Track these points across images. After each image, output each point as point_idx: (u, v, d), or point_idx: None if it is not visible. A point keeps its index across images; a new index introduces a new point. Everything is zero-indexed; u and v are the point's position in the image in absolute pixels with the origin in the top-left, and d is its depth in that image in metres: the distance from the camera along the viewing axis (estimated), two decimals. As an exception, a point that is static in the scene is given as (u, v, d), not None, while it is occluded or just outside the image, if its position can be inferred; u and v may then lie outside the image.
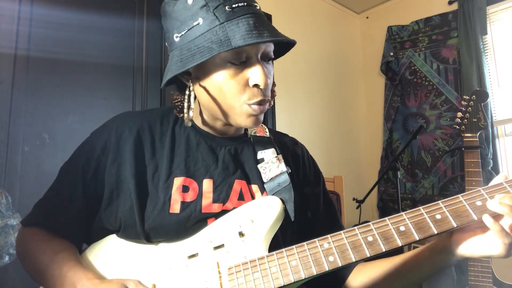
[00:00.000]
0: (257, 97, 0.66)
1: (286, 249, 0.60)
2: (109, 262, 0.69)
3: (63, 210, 0.73)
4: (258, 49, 0.65)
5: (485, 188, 0.58)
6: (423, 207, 0.58)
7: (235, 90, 0.66)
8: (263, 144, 0.80)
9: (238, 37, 0.61)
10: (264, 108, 0.69)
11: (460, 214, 0.56)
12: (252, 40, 0.60)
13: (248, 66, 0.66)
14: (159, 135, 0.75)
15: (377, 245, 0.56)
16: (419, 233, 0.56)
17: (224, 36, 0.61)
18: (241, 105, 0.67)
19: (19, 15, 1.48)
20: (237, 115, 0.68)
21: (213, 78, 0.66)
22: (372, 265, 0.74)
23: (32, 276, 0.72)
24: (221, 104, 0.68)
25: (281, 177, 0.74)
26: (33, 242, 0.73)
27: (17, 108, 1.45)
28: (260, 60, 0.66)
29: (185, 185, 0.70)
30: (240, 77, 0.66)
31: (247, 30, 0.61)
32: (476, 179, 1.54)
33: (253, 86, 0.66)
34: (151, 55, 1.88)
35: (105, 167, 0.71)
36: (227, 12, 0.63)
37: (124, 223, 0.69)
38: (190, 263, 0.65)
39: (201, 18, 0.63)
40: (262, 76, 0.64)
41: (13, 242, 1.22)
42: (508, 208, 0.53)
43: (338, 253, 0.57)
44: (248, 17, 0.63)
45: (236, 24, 0.62)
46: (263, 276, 0.58)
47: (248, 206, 0.69)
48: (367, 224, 0.59)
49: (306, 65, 2.84)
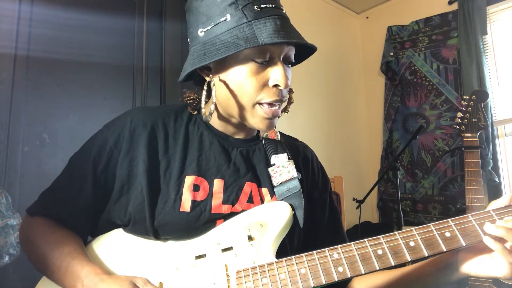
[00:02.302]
0: (273, 97, 0.67)
1: (295, 257, 0.60)
2: (116, 256, 0.69)
3: (71, 201, 0.72)
4: (281, 50, 0.67)
5: (495, 210, 0.58)
6: (432, 224, 0.59)
7: (254, 88, 0.67)
8: (275, 147, 0.80)
9: (265, 35, 0.62)
10: (276, 111, 0.69)
11: (469, 234, 0.57)
12: (279, 39, 0.62)
13: (270, 65, 0.67)
14: (172, 132, 0.75)
15: (387, 259, 0.57)
16: (428, 250, 0.56)
17: (251, 34, 0.63)
18: (254, 105, 0.68)
19: (19, 15, 1.48)
20: (251, 115, 0.69)
21: (234, 74, 0.67)
22: (375, 274, 0.74)
23: (36, 266, 0.71)
24: (238, 101, 0.69)
25: (291, 182, 0.74)
26: (38, 231, 0.72)
27: (17, 108, 1.45)
28: (282, 62, 0.67)
29: (196, 184, 0.70)
30: (261, 76, 0.67)
31: (274, 30, 0.63)
32: (476, 179, 1.54)
33: (272, 86, 0.67)
34: (151, 55, 1.88)
35: (117, 160, 0.71)
36: (255, 11, 0.64)
37: (134, 218, 0.68)
38: (198, 264, 0.65)
39: (229, 14, 0.65)
40: (283, 77, 0.66)
41: (13, 242, 1.22)
42: (505, 230, 0.54)
43: (347, 264, 0.58)
44: (275, 18, 0.65)
45: (263, 23, 0.64)
46: (272, 282, 0.58)
47: (258, 210, 0.69)
48: (377, 237, 0.59)
49: (306, 65, 2.83)
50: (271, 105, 0.68)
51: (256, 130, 0.82)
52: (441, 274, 0.63)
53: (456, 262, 0.61)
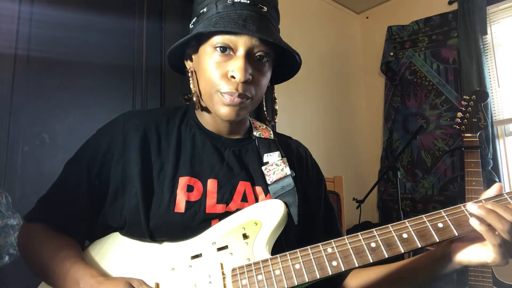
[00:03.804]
0: (231, 89, 0.68)
1: (289, 253, 0.60)
2: (112, 259, 0.70)
3: (67, 206, 0.73)
4: (244, 42, 0.67)
5: (486, 199, 0.59)
6: (425, 216, 0.59)
7: (215, 77, 0.68)
8: (268, 146, 0.80)
9: (221, 24, 0.64)
10: (238, 100, 0.68)
11: (461, 224, 0.57)
12: (230, 27, 0.64)
13: (232, 58, 0.68)
14: (165, 134, 0.75)
15: (380, 252, 0.57)
16: (421, 241, 0.57)
17: (213, 22, 0.66)
18: (215, 92, 0.69)
19: (19, 15, 1.48)
20: (215, 103, 0.70)
21: (203, 64, 0.70)
22: (371, 268, 0.74)
23: (35, 272, 0.71)
24: (205, 89, 0.71)
25: (285, 180, 0.75)
26: (35, 238, 0.73)
27: (17, 108, 1.45)
28: (245, 56, 0.67)
29: (189, 185, 0.70)
30: (223, 67, 0.68)
31: (234, 20, 0.64)
32: (476, 179, 1.54)
33: (230, 77, 0.68)
34: (151, 55, 1.88)
35: (110, 164, 0.71)
36: (227, 5, 0.67)
37: (129, 221, 0.69)
38: (194, 264, 0.65)
39: (206, 7, 0.69)
40: (240, 69, 0.66)
41: (13, 242, 1.22)
42: (484, 211, 0.55)
43: (341, 258, 0.58)
44: (244, 12, 0.66)
45: (228, 15, 0.66)
46: (267, 278, 0.59)
47: (252, 208, 0.70)
48: (370, 230, 0.59)
49: (306, 65, 2.83)
50: (230, 94, 0.68)
51: (249, 130, 0.83)
52: (436, 266, 0.64)
53: (450, 253, 0.61)
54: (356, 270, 0.76)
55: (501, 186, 0.60)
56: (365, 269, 0.75)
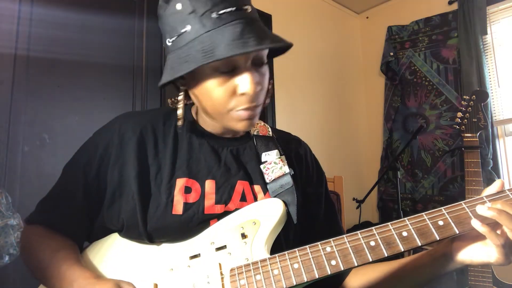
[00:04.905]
0: (244, 104, 0.65)
1: (288, 252, 0.60)
2: (111, 261, 0.70)
3: (65, 208, 0.73)
4: (247, 56, 0.64)
5: (488, 196, 0.57)
6: (425, 213, 0.58)
7: (223, 98, 0.65)
8: (266, 143, 0.80)
9: (222, 48, 0.59)
10: (254, 112, 0.67)
11: (462, 221, 0.56)
12: (234, 51, 0.58)
13: (237, 74, 0.64)
14: (162, 135, 0.75)
15: (379, 250, 0.56)
16: (421, 239, 0.56)
17: (209, 46, 0.60)
18: (228, 111, 0.66)
19: (19, 15, 1.48)
20: (227, 120, 0.68)
21: (203, 85, 0.66)
22: (371, 267, 0.74)
23: (33, 273, 0.72)
24: (212, 111, 0.68)
25: (283, 178, 0.74)
26: (34, 239, 0.73)
27: (17, 108, 1.45)
28: (250, 67, 0.64)
29: (187, 186, 0.70)
30: (228, 85, 0.64)
31: (232, 39, 0.59)
32: (476, 179, 1.54)
33: (240, 94, 0.64)
34: (151, 55, 1.88)
35: (107, 167, 0.71)
36: (213, 20, 0.61)
37: (126, 224, 0.69)
38: (192, 264, 0.65)
39: (189, 25, 0.62)
40: (250, 84, 0.63)
41: (13, 242, 1.22)
42: (496, 212, 0.53)
43: (340, 257, 0.57)
44: (235, 23, 0.61)
45: (221, 33, 0.60)
46: (265, 278, 0.58)
47: (251, 208, 0.69)
48: (370, 229, 0.58)
49: (306, 65, 2.84)
50: (245, 110, 0.66)
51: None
52: (437, 264, 0.63)
53: (451, 252, 0.61)
54: (356, 269, 0.76)
55: (503, 183, 0.58)
56: (366, 268, 0.74)
